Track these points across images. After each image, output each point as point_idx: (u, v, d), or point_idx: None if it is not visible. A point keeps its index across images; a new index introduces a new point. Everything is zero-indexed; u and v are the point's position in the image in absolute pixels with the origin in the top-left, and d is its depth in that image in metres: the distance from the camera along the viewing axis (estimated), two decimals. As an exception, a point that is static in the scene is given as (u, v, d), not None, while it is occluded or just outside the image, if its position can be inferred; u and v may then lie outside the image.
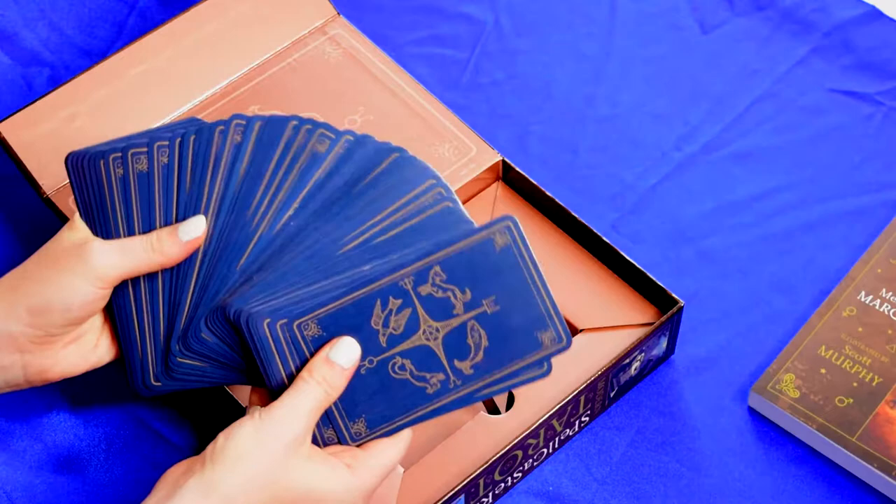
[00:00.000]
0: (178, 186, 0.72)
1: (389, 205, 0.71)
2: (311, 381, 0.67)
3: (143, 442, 0.84)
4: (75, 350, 0.74)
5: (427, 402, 0.69)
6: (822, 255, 0.91)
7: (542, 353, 0.68)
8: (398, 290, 0.68)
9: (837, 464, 0.81)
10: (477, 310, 0.68)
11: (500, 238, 0.68)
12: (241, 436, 0.65)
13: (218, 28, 0.96)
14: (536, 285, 0.68)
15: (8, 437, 0.84)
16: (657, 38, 1.05)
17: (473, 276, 0.68)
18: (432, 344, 0.68)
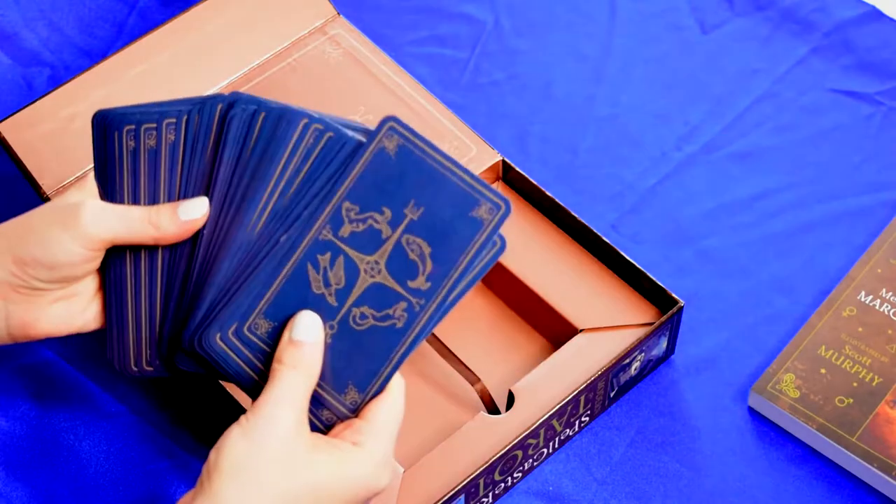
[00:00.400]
0: (183, 166, 0.70)
1: (277, 164, 0.67)
2: (284, 367, 0.64)
3: (143, 442, 0.84)
4: (62, 309, 0.72)
5: (403, 336, 0.66)
6: (822, 255, 0.91)
7: (487, 228, 0.65)
8: (321, 244, 0.65)
9: (837, 464, 0.81)
10: (403, 222, 0.65)
11: (389, 143, 0.65)
12: (230, 445, 0.62)
13: (218, 28, 0.96)
14: (448, 168, 0.65)
15: (8, 436, 0.84)
16: (657, 38, 1.05)
17: (384, 192, 0.65)
18: (379, 278, 0.65)
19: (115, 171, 0.72)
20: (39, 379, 0.87)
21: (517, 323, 0.88)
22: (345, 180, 0.65)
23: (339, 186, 0.65)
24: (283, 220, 0.67)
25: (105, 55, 1.03)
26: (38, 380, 0.87)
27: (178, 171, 0.71)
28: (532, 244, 0.88)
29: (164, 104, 0.72)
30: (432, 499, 0.76)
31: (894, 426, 0.80)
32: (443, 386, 0.85)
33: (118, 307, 0.72)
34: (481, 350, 0.86)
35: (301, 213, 0.66)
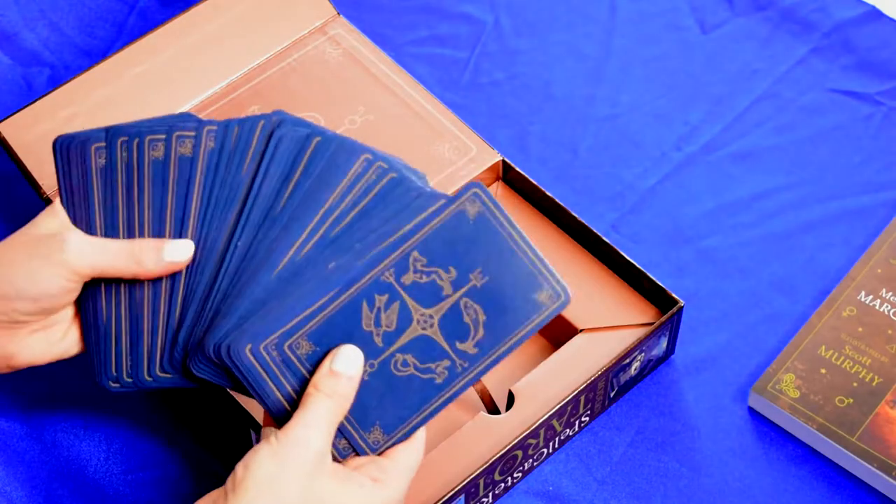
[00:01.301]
0: (209, 180, 0.70)
1: (331, 192, 0.68)
2: (320, 395, 0.65)
3: (143, 442, 0.84)
4: (42, 338, 0.73)
5: (439, 392, 0.67)
6: (822, 255, 0.91)
7: (543, 314, 0.67)
8: (382, 285, 0.66)
9: (837, 464, 0.81)
10: (466, 286, 0.66)
11: (471, 207, 0.66)
12: (259, 463, 0.63)
13: (218, 28, 0.96)
14: (520, 246, 0.66)
15: (8, 436, 0.84)
16: (657, 38, 1.05)
17: (454, 253, 0.66)
18: (429, 332, 0.67)
19: (87, 191, 0.71)
20: (39, 379, 0.87)
21: (517, 323, 0.88)
22: (419, 230, 0.66)
23: (410, 234, 0.66)
24: (333, 249, 0.67)
25: (105, 55, 1.03)
26: (38, 380, 0.87)
27: (196, 185, 0.70)
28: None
29: (145, 122, 0.72)
30: (432, 499, 0.76)
31: (894, 426, 0.80)
32: (443, 386, 0.85)
33: (97, 326, 0.72)
34: (481, 350, 0.86)
35: (353, 246, 0.67)
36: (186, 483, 0.82)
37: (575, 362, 0.82)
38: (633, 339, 0.82)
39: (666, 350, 0.85)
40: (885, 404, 0.81)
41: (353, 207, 0.67)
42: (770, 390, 0.83)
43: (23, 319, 0.71)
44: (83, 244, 0.69)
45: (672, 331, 0.84)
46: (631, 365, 0.83)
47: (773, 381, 0.83)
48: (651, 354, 0.84)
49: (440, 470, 0.78)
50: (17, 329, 0.71)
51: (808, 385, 0.82)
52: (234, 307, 0.67)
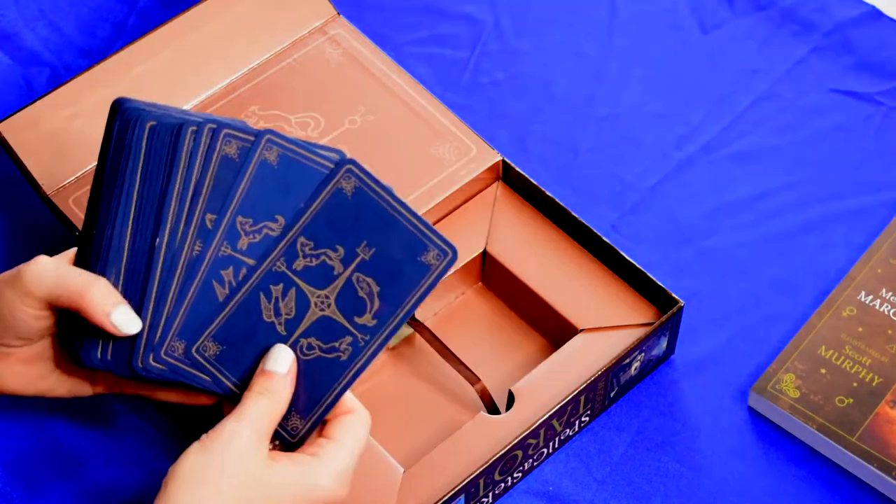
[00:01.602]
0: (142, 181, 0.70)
1: (167, 173, 0.68)
2: (252, 393, 0.67)
3: (144, 443, 0.84)
4: (28, 370, 0.73)
5: (346, 369, 0.68)
6: (822, 255, 0.91)
7: (433, 273, 0.68)
8: (275, 275, 0.68)
9: (837, 464, 0.81)
10: (355, 261, 0.68)
11: (347, 184, 0.67)
12: (187, 457, 0.65)
13: (218, 28, 0.96)
14: (400, 213, 0.67)
15: (8, 436, 0.84)
16: (657, 38, 1.05)
17: (338, 231, 0.68)
18: (328, 312, 0.68)
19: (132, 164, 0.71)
20: (39, 379, 0.87)
21: (517, 323, 0.88)
22: (300, 218, 0.68)
23: (293, 222, 0.68)
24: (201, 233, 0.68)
25: (105, 55, 1.03)
26: (38, 380, 0.87)
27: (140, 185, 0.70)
28: (532, 244, 0.88)
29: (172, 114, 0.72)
30: (432, 499, 0.76)
31: (894, 426, 0.80)
32: (443, 386, 0.85)
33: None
34: (481, 350, 0.86)
35: (203, 222, 0.68)
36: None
37: (575, 362, 0.82)
38: (633, 339, 0.82)
39: (666, 350, 0.85)
40: (885, 404, 0.81)
41: (202, 184, 0.68)
42: (770, 390, 0.82)
43: (7, 344, 0.71)
44: (42, 271, 0.68)
45: (672, 331, 0.84)
46: (631, 365, 0.83)
47: (773, 381, 0.83)
48: (651, 354, 0.84)
49: (440, 470, 0.78)
50: (5, 355, 0.72)
51: (808, 385, 0.82)
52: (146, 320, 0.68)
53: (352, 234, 0.68)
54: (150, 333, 0.68)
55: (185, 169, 0.68)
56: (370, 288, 0.68)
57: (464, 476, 0.77)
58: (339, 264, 0.68)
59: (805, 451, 0.82)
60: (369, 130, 0.92)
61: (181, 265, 0.68)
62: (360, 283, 0.68)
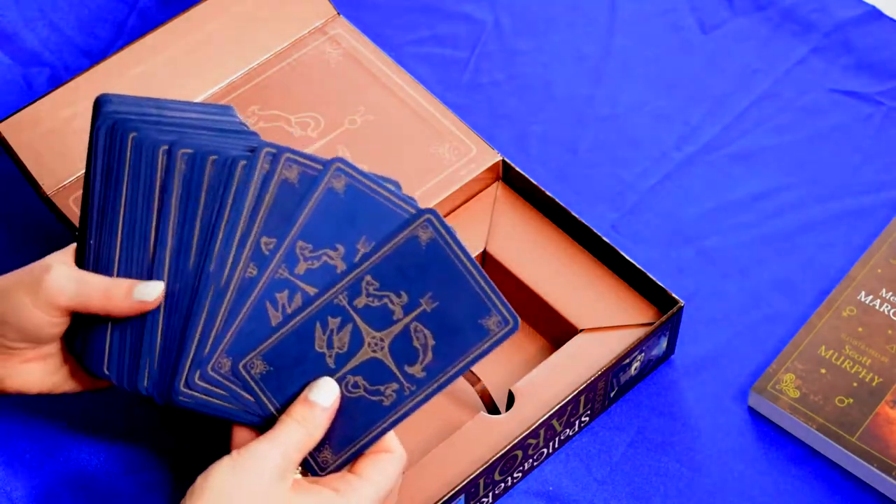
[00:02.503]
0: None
1: (219, 199, 0.68)
2: (291, 420, 0.66)
3: (143, 442, 0.84)
4: (35, 369, 0.73)
5: (386, 415, 0.68)
6: (822, 255, 0.91)
7: (491, 339, 0.67)
8: (335, 308, 0.67)
9: (837, 464, 0.81)
10: (416, 310, 0.67)
11: (424, 233, 0.67)
12: (217, 474, 0.64)
13: (218, 28, 0.96)
14: (469, 272, 0.67)
15: (8, 437, 0.84)
16: (657, 38, 1.05)
17: (405, 277, 0.67)
18: (380, 355, 0.67)
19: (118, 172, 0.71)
20: (39, 379, 0.87)
21: (517, 323, 0.88)
22: (371, 256, 0.67)
23: (363, 259, 0.67)
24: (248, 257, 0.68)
25: (105, 55, 1.03)
26: (38, 380, 0.87)
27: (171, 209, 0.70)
28: (532, 244, 0.88)
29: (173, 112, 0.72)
30: (432, 499, 0.76)
31: (894, 426, 0.80)
32: (443, 386, 0.85)
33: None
34: (481, 350, 0.86)
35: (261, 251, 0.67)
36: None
37: (575, 362, 0.82)
38: (633, 339, 0.82)
39: (666, 350, 0.85)
40: (885, 404, 0.81)
41: (260, 206, 0.68)
42: (770, 390, 0.82)
43: (13, 346, 0.71)
44: (63, 278, 0.69)
45: (672, 331, 0.84)
46: (631, 365, 0.83)
47: (773, 381, 0.83)
48: (651, 354, 0.84)
49: (440, 470, 0.78)
50: (9, 355, 0.72)
51: (808, 385, 0.82)
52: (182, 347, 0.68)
53: (418, 282, 0.67)
54: (196, 354, 0.67)
55: (239, 193, 0.67)
56: (426, 340, 0.67)
57: (464, 476, 0.77)
58: (399, 310, 0.67)
59: (805, 451, 0.82)
60: (369, 130, 0.92)
61: (233, 286, 0.67)
62: (417, 332, 0.67)
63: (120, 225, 0.70)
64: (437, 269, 0.67)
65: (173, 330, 0.69)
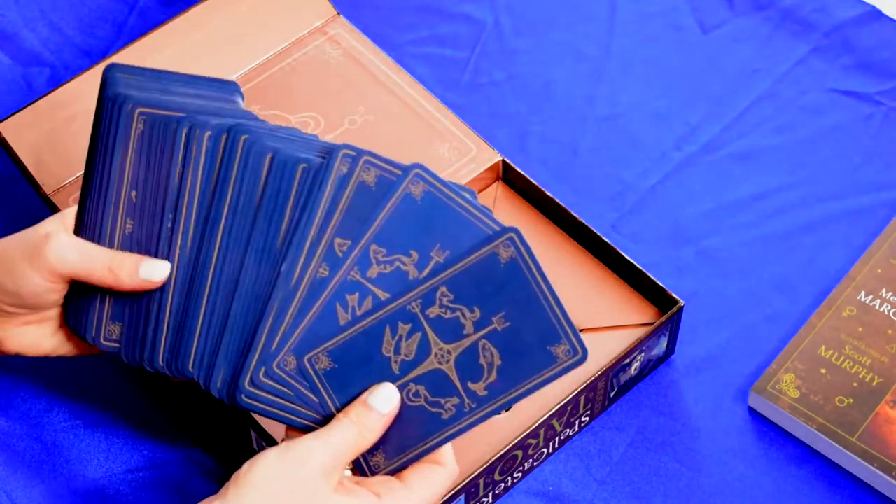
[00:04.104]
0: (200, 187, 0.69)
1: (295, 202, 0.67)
2: (347, 420, 0.66)
3: (143, 442, 0.84)
4: (32, 331, 0.74)
5: (443, 428, 0.67)
6: (822, 255, 0.91)
7: (557, 367, 0.67)
8: (407, 314, 0.67)
9: (837, 464, 0.81)
10: (487, 328, 0.67)
11: (505, 251, 0.66)
12: (265, 463, 0.64)
13: (218, 28, 0.96)
14: (546, 297, 0.66)
15: (8, 437, 0.84)
16: (657, 38, 1.05)
17: (481, 294, 0.66)
18: (445, 367, 0.67)
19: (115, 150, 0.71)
20: (39, 378, 0.87)
21: (517, 323, 0.88)
22: (449, 266, 0.67)
23: (440, 269, 0.67)
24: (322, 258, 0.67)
25: (105, 55, 1.03)
26: (38, 379, 0.87)
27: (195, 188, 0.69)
28: (532, 244, 0.88)
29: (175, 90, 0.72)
30: (432, 499, 0.76)
31: (894, 426, 0.80)
32: (443, 386, 0.85)
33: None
34: (481, 350, 0.86)
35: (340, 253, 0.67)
36: (186, 483, 0.82)
37: (575, 362, 0.82)
38: (633, 339, 0.82)
39: (666, 350, 0.85)
40: (885, 404, 0.81)
41: (338, 204, 0.67)
42: (770, 390, 0.82)
43: (9, 311, 0.72)
44: (66, 248, 0.70)
45: (672, 331, 0.84)
46: (631, 365, 0.83)
47: (773, 381, 0.83)
48: (651, 354, 0.84)
49: (440, 470, 0.78)
50: (6, 318, 0.72)
51: (808, 385, 0.82)
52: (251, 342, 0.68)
53: (493, 300, 0.66)
54: (263, 352, 0.67)
55: (316, 194, 0.67)
56: (493, 359, 0.67)
57: (464, 476, 0.77)
58: (470, 325, 0.67)
59: (805, 451, 0.82)
60: (369, 130, 0.92)
61: (304, 286, 0.67)
62: (484, 350, 0.67)
63: (122, 199, 0.70)
64: (513, 290, 0.66)
65: (188, 310, 0.69)
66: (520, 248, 0.66)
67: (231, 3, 0.97)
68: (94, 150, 0.72)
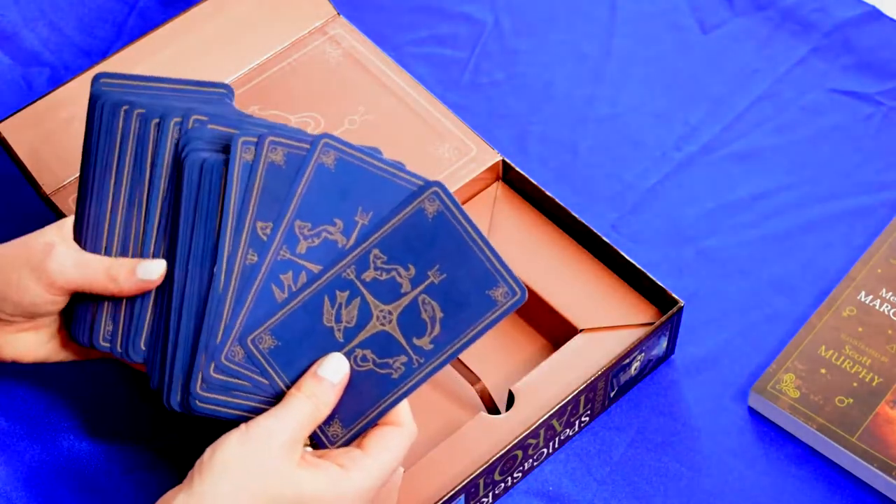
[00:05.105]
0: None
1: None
2: (300, 395, 0.67)
3: (143, 442, 0.84)
4: (28, 338, 0.75)
5: (395, 387, 0.68)
6: (822, 255, 0.91)
7: (498, 310, 0.67)
8: (343, 282, 0.67)
9: (837, 464, 0.81)
10: (424, 283, 0.67)
11: (430, 206, 0.67)
12: (226, 447, 0.65)
13: (218, 28, 0.96)
14: (477, 244, 0.67)
15: (8, 437, 0.84)
16: (657, 38, 1.05)
17: (413, 250, 0.67)
18: (388, 328, 0.68)
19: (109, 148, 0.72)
20: (39, 379, 0.87)
21: (517, 323, 0.88)
22: (377, 228, 0.67)
23: (367, 232, 0.67)
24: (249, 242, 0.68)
25: (105, 55, 1.03)
26: (38, 380, 0.87)
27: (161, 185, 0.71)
28: (532, 244, 0.88)
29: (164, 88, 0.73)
30: (432, 499, 0.76)
31: (894, 426, 0.80)
32: (443, 386, 0.85)
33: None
34: (481, 350, 0.86)
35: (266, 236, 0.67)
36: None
37: (575, 362, 0.82)
38: (633, 339, 0.82)
39: (666, 350, 0.85)
40: (885, 404, 0.81)
41: (250, 189, 0.68)
42: (770, 390, 0.82)
43: (6, 318, 0.72)
44: (66, 259, 0.71)
45: (672, 331, 0.84)
46: (631, 365, 0.83)
47: (773, 381, 0.83)
48: (651, 354, 0.84)
49: (440, 470, 0.78)
50: (2, 326, 0.73)
51: (808, 385, 0.82)
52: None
53: (426, 255, 0.67)
54: (209, 349, 0.67)
55: (235, 184, 0.67)
56: (434, 312, 0.67)
57: (464, 476, 0.77)
58: (407, 283, 0.67)
59: (805, 451, 0.82)
60: (369, 130, 0.92)
61: (235, 276, 0.67)
62: (424, 305, 0.67)
63: (110, 198, 0.71)
64: (443, 242, 0.67)
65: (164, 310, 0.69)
66: (445, 200, 0.67)
67: (231, 3, 0.97)
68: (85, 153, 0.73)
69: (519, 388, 0.81)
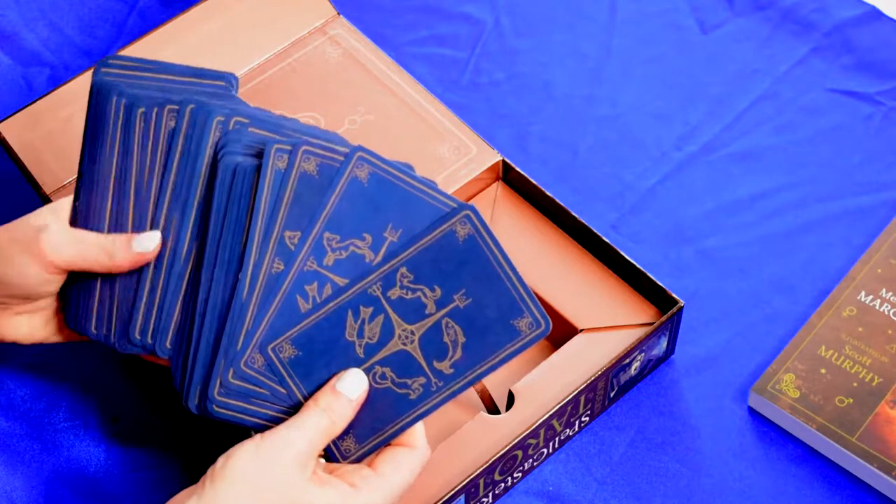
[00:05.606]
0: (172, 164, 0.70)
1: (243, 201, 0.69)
2: (317, 408, 0.66)
3: (143, 442, 0.84)
4: (26, 321, 0.75)
5: (412, 408, 0.68)
6: (822, 255, 0.91)
7: (521, 341, 0.67)
8: (368, 297, 0.67)
9: (837, 464, 0.81)
10: (449, 306, 0.67)
11: (462, 229, 0.66)
12: (240, 456, 0.65)
13: (218, 28, 0.96)
14: (505, 272, 0.67)
15: (8, 437, 0.84)
16: (657, 38, 1.05)
17: (440, 272, 0.67)
18: (409, 348, 0.68)
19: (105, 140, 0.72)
20: (39, 379, 0.87)
21: (517, 323, 0.88)
22: (407, 246, 0.67)
23: (395, 249, 0.67)
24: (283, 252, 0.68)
25: (105, 55, 1.03)
26: (38, 380, 0.87)
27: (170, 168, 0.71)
28: (532, 244, 0.88)
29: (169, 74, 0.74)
30: (432, 499, 0.76)
31: (894, 426, 0.80)
32: (443, 386, 0.85)
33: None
34: (481, 350, 0.86)
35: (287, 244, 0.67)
36: (186, 483, 0.82)
37: (575, 362, 0.82)
38: (633, 339, 0.82)
39: (666, 350, 0.85)
40: (885, 404, 0.81)
41: (281, 197, 0.68)
42: (770, 390, 0.83)
43: (4, 301, 0.73)
44: (60, 236, 0.71)
45: (672, 331, 0.84)
46: (631, 365, 0.83)
47: (773, 381, 0.83)
48: (651, 354, 0.84)
49: (440, 470, 0.78)
50: (2, 308, 0.73)
51: (808, 385, 0.82)
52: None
53: (453, 278, 0.67)
54: (229, 354, 0.67)
55: (265, 191, 0.67)
56: (456, 336, 0.67)
57: (464, 476, 0.77)
58: (432, 304, 0.67)
59: (805, 451, 0.82)
60: (369, 130, 0.92)
61: (260, 283, 0.67)
62: (448, 328, 0.67)
63: (111, 187, 0.71)
64: (472, 266, 0.67)
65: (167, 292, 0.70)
66: (476, 224, 0.66)
67: (231, 3, 0.97)
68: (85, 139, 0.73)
69: (519, 388, 0.81)
